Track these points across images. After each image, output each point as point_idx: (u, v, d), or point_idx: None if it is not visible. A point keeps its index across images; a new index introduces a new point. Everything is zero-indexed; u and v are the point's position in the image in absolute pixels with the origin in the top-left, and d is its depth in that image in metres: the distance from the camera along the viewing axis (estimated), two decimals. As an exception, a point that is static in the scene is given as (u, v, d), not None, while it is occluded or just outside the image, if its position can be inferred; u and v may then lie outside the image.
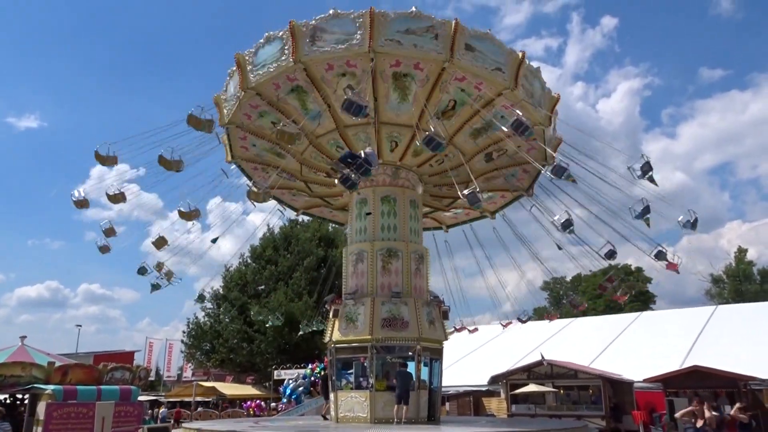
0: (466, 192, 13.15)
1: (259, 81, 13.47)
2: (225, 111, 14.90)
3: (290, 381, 28.98)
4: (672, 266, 15.09)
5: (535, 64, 14.28)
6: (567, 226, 13.80)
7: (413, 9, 12.46)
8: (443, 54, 12.42)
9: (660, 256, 14.91)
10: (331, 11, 12.71)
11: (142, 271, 16.97)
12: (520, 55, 13.24)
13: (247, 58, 13.60)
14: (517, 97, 13.26)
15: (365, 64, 12.63)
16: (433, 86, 13.16)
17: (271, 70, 13.20)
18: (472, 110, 13.94)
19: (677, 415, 14.20)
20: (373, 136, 14.70)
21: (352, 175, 11.84)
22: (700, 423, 11.01)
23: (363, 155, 11.85)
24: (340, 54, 12.60)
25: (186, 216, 16.07)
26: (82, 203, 15.30)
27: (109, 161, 14.32)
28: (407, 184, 16.34)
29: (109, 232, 16.11)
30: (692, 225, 13.96)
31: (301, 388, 28.00)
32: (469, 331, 22.80)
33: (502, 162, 16.34)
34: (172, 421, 25.00)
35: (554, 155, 14.30)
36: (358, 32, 12.35)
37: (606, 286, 19.17)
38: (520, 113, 12.13)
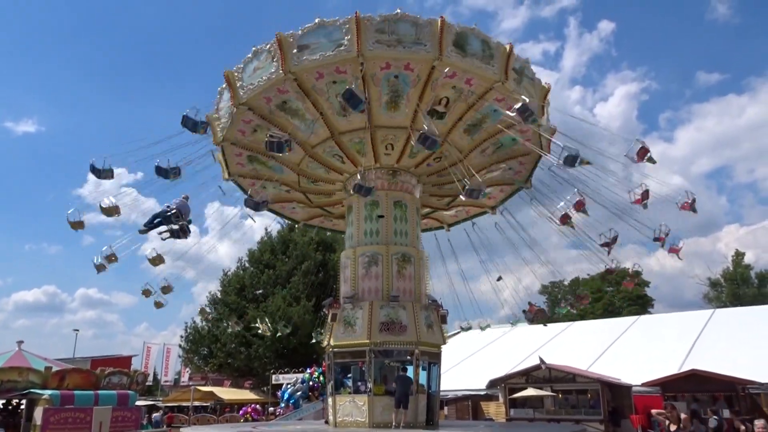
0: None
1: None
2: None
3: (288, 385, 28.91)
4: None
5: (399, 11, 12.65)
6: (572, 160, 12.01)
7: (254, 48, 13.24)
8: (278, 70, 12.75)
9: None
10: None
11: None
12: (356, 15, 12.22)
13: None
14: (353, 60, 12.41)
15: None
16: (309, 96, 13.39)
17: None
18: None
19: (653, 411, 14.46)
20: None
21: (174, 228, 12.36)
22: (673, 428, 11.13)
23: (166, 208, 12.55)
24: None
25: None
26: (112, 210, 14.10)
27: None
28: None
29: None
30: (568, 161, 11.76)
31: (299, 393, 27.93)
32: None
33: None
34: (165, 426, 24.98)
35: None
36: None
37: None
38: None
